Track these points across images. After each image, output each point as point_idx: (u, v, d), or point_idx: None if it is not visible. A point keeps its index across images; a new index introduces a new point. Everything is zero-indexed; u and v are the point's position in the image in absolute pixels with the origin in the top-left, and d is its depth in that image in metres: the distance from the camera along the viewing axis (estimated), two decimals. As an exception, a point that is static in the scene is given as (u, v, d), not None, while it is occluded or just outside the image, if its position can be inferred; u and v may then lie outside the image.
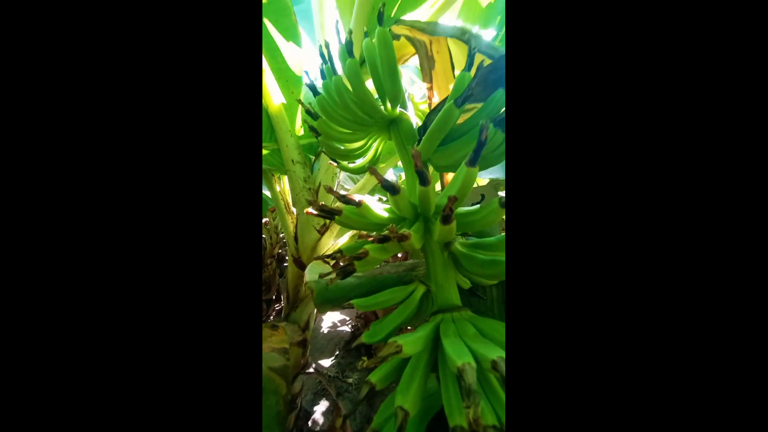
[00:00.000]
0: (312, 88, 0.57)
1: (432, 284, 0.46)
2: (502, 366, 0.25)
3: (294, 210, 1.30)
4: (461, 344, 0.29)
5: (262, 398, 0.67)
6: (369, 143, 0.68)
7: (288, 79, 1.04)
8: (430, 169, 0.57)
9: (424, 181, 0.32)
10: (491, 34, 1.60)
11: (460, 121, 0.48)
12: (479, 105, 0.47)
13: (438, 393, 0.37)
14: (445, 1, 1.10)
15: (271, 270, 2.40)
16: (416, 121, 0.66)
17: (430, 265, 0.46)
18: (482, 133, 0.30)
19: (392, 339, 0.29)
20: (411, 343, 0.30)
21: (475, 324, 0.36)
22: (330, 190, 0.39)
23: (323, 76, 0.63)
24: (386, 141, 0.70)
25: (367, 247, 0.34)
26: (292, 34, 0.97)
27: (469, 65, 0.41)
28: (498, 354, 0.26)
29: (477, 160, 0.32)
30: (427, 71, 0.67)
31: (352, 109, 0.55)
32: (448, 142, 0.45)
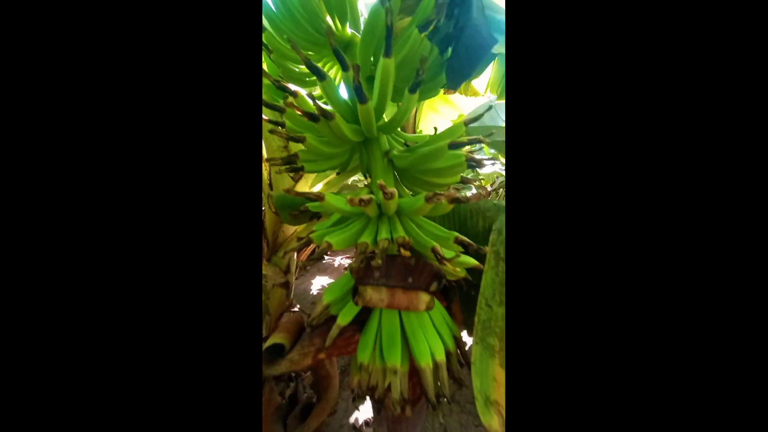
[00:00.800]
0: (267, 7, 0.57)
1: (373, 186, 0.54)
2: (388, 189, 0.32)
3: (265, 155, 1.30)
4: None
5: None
6: (325, 67, 0.69)
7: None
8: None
9: (362, 99, 0.37)
10: None
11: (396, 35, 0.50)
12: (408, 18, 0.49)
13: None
14: None
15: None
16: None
17: (373, 168, 0.53)
18: (387, 17, 0.34)
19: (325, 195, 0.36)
20: (333, 197, 0.37)
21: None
22: (291, 105, 0.42)
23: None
24: (341, 71, 0.71)
25: (306, 132, 0.40)
26: None
27: None
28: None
29: (390, 50, 0.36)
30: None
31: (302, 24, 0.56)
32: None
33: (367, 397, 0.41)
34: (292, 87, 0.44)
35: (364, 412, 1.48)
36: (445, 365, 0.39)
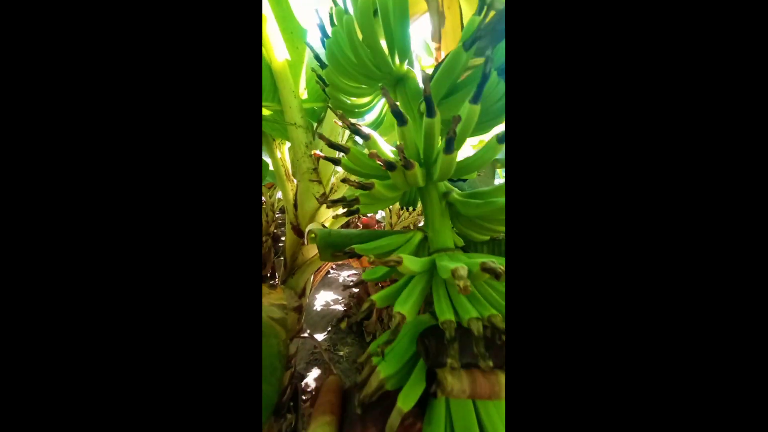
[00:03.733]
0: (322, 29, 0.56)
1: (429, 230, 0.49)
2: (493, 265, 0.27)
3: (294, 178, 1.30)
4: (456, 259, 0.32)
5: (263, 342, 0.71)
6: (375, 100, 0.68)
7: (293, 31, 1.00)
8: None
9: (431, 112, 0.33)
10: None
11: (463, 77, 0.49)
12: (481, 60, 0.47)
13: (428, 321, 0.41)
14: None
15: (266, 248, 2.45)
16: (421, 82, 0.66)
17: (428, 212, 0.48)
18: (487, 65, 0.31)
19: (396, 254, 0.32)
20: (412, 263, 0.32)
21: (469, 256, 0.38)
22: (341, 117, 0.40)
23: (332, 23, 0.61)
24: (392, 98, 0.70)
25: (373, 179, 0.36)
26: None
27: (479, 9, 0.41)
28: (488, 258, 0.28)
29: (480, 96, 0.33)
30: (436, 29, 0.66)
31: (362, 56, 0.55)
32: (452, 94, 0.45)
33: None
34: (364, 130, 0.41)
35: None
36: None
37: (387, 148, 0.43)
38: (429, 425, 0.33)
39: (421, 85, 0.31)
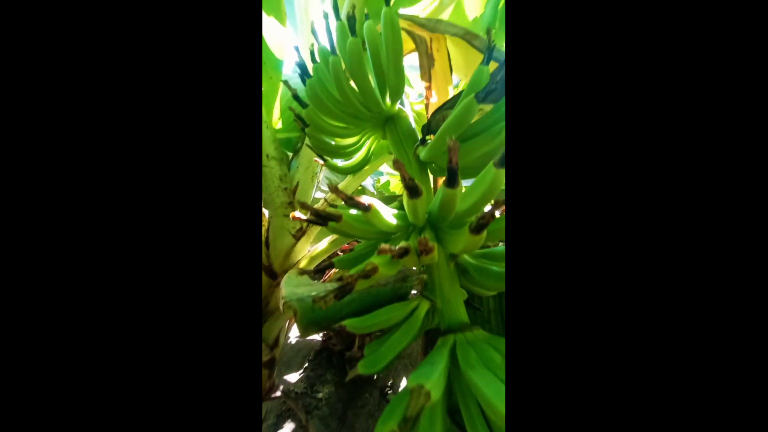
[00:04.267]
0: (302, 68, 0.49)
1: (438, 299, 0.41)
2: None
3: (266, 211, 1.16)
4: (495, 380, 0.24)
5: None
6: (362, 140, 0.62)
7: (266, 61, 0.92)
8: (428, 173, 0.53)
9: (453, 182, 0.27)
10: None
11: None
12: (487, 106, 0.44)
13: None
14: (435, 9, 1.10)
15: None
16: (413, 121, 0.62)
17: (436, 278, 0.41)
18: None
19: (415, 383, 0.23)
20: (435, 384, 0.24)
21: (494, 346, 0.31)
22: (335, 190, 0.32)
23: (313, 60, 0.55)
24: (379, 140, 0.65)
25: (375, 261, 0.28)
26: (273, 8, 0.86)
27: (487, 59, 0.38)
28: None
29: (505, 162, 0.28)
30: (426, 69, 0.64)
31: (350, 98, 0.49)
32: (461, 141, 0.41)
33: None
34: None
35: None
36: None
37: (389, 214, 0.36)
38: None
39: (448, 155, 0.25)
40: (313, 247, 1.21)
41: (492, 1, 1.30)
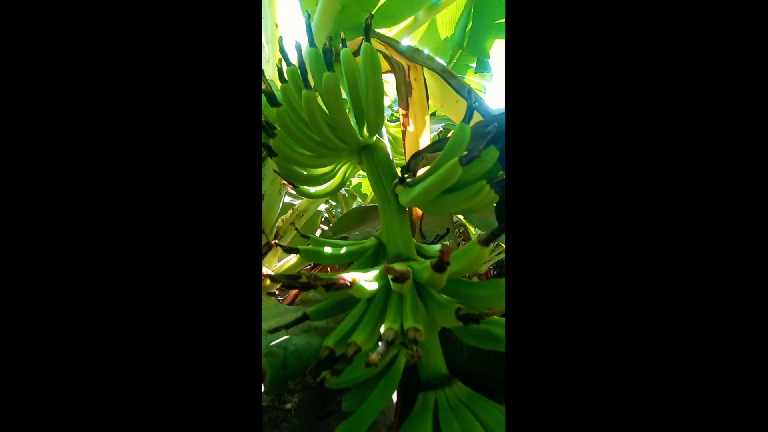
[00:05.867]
0: (269, 97, 0.44)
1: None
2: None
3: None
4: None
5: None
6: (336, 168, 0.58)
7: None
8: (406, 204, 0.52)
9: (441, 270, 0.26)
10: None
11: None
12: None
13: None
14: (408, 25, 1.09)
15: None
16: (388, 146, 0.60)
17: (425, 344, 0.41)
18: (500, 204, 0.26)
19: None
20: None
21: (473, 412, 0.32)
22: (312, 278, 0.29)
23: (282, 79, 0.50)
24: (355, 165, 0.62)
25: (359, 341, 0.26)
26: None
27: (468, 117, 0.38)
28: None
29: (491, 241, 0.28)
30: (403, 97, 0.62)
31: (324, 130, 0.45)
32: (444, 193, 0.40)
33: None
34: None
35: None
36: None
37: (370, 282, 0.34)
38: None
39: (440, 255, 0.24)
40: (281, 262, 1.13)
41: (461, 23, 1.34)
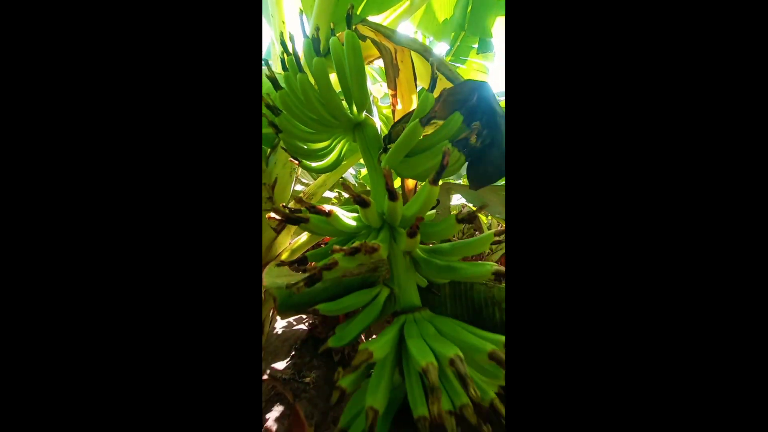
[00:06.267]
0: (273, 81, 0.53)
1: (395, 287, 0.50)
2: (459, 363, 0.29)
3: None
4: (424, 345, 0.33)
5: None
6: (333, 144, 0.67)
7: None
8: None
9: (393, 197, 0.35)
10: (444, 48, 1.69)
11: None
12: (440, 122, 0.51)
13: (401, 386, 0.41)
14: (405, 9, 1.13)
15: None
16: (380, 124, 0.68)
17: (394, 269, 0.49)
18: (444, 158, 0.33)
19: (362, 346, 0.31)
20: (380, 348, 0.32)
21: (434, 324, 0.40)
22: (300, 201, 0.38)
23: (284, 68, 0.59)
24: (350, 142, 0.70)
25: (336, 257, 0.35)
26: None
27: (432, 86, 0.45)
28: (455, 352, 0.30)
29: (438, 180, 0.36)
30: (391, 78, 0.69)
31: (318, 109, 0.54)
32: (412, 155, 0.48)
33: None
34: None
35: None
36: None
37: (346, 216, 0.43)
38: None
39: (384, 179, 0.32)
40: (294, 239, 1.26)
41: (461, 3, 1.34)
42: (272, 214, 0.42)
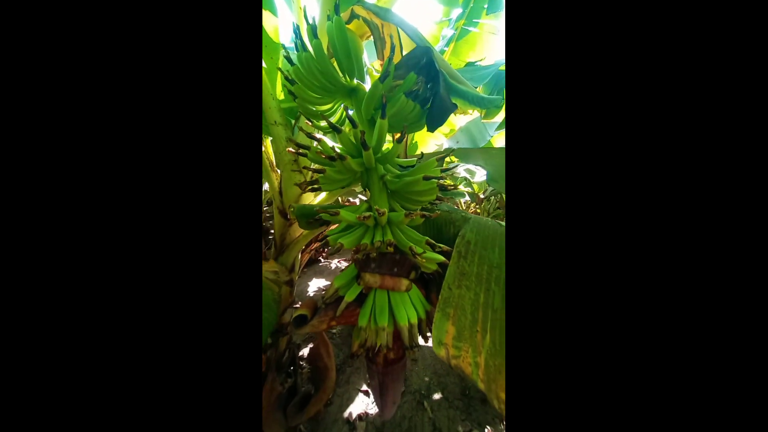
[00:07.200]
0: (288, 59, 0.76)
1: (372, 202, 0.72)
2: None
3: (278, 169, 1.47)
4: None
5: (263, 290, 0.94)
6: (335, 106, 0.88)
7: (267, 45, 1.16)
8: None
9: (365, 147, 0.56)
10: (456, 12, 1.71)
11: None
12: (401, 82, 0.69)
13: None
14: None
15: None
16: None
17: (371, 189, 0.71)
18: (383, 99, 0.53)
19: (332, 238, 0.55)
20: (346, 213, 0.55)
21: (390, 217, 0.62)
22: (319, 116, 0.61)
23: (296, 49, 0.80)
24: (349, 105, 0.91)
25: (326, 167, 0.58)
26: (267, 3, 1.08)
27: (392, 51, 0.62)
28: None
29: (385, 115, 0.56)
30: (380, 50, 0.86)
31: (319, 78, 0.75)
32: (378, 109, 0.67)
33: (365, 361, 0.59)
34: (317, 134, 0.62)
35: (357, 407, 1.59)
36: (417, 326, 0.57)
37: (335, 146, 0.65)
38: (363, 307, 0.58)
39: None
40: (318, 198, 1.53)
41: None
42: (290, 148, 0.66)
